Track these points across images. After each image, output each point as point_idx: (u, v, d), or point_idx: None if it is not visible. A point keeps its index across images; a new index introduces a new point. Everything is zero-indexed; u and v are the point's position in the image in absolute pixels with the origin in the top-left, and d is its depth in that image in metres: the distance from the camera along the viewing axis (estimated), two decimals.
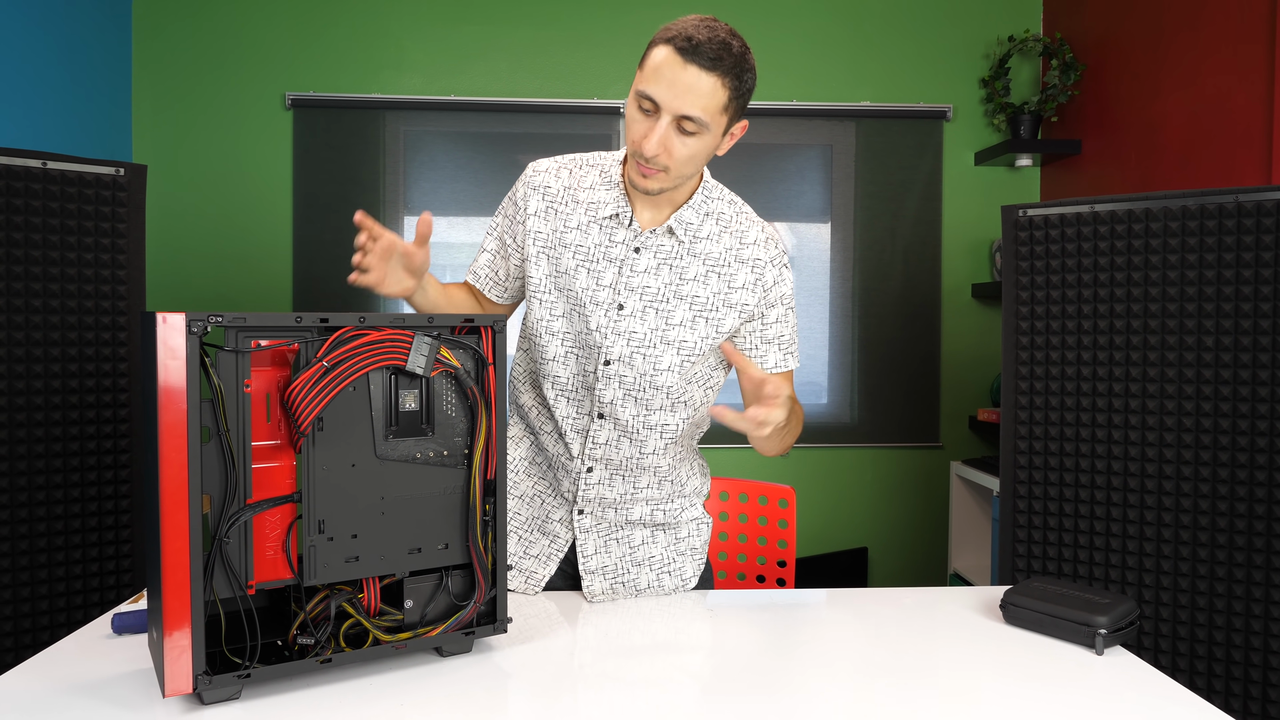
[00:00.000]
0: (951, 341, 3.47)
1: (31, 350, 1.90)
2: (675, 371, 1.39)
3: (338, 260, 3.27)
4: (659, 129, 1.23)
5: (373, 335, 1.10)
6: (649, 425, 1.42)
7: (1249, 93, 2.40)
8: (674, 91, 1.21)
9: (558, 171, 1.43)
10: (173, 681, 0.99)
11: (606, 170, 1.41)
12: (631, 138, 1.27)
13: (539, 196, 1.41)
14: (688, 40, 1.19)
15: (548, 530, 1.49)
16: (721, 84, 1.22)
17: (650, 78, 1.22)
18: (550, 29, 3.34)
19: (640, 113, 1.25)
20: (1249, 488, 1.88)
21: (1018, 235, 2.15)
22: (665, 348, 1.38)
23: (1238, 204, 1.89)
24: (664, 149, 1.24)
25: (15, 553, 1.88)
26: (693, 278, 1.38)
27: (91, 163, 1.98)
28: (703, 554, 1.55)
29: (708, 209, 1.40)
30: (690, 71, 1.20)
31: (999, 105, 3.34)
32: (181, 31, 3.23)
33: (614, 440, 1.42)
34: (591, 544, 1.47)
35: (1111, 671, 1.19)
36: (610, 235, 1.38)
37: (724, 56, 1.20)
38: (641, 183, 1.29)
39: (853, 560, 3.45)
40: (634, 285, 1.37)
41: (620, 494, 1.45)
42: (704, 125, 1.23)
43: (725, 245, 1.39)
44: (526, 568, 1.49)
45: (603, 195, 1.39)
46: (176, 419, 0.98)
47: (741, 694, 1.11)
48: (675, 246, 1.38)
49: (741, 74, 1.24)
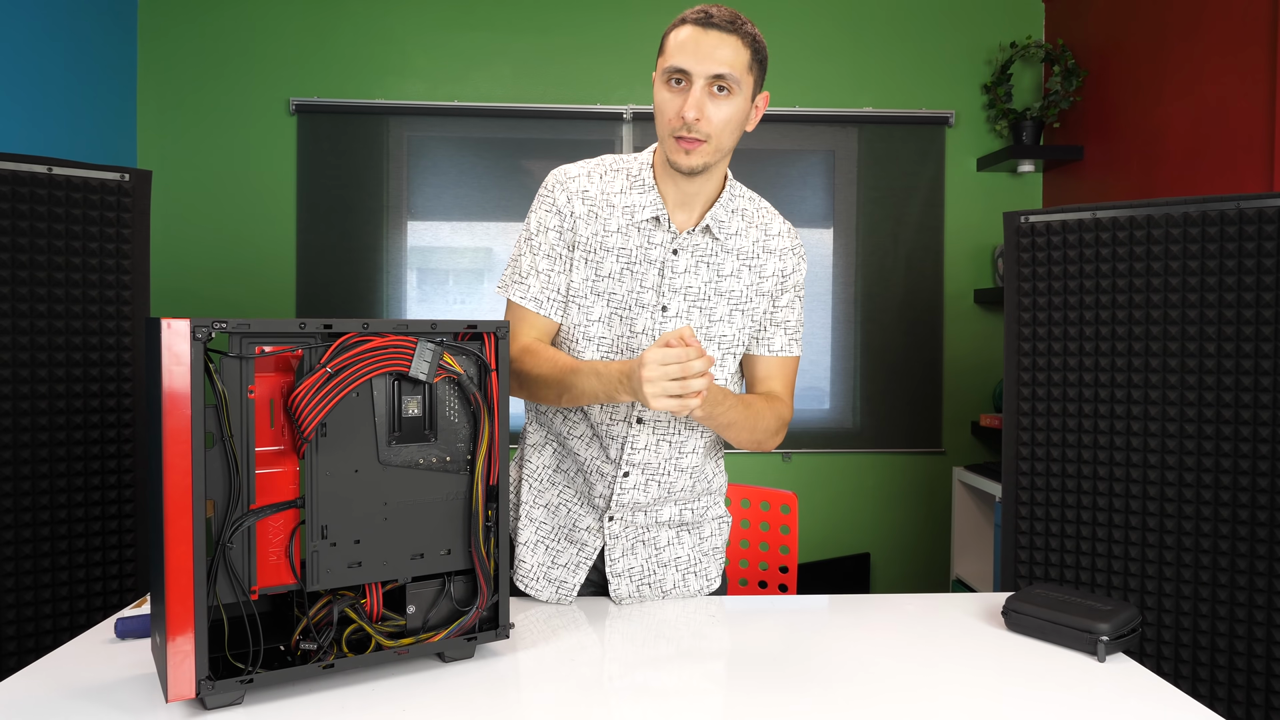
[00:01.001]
0: (954, 347, 3.47)
1: (36, 355, 1.91)
2: (719, 366, 1.43)
3: (341, 266, 3.28)
4: (694, 94, 1.27)
5: (376, 341, 1.10)
6: (690, 425, 1.44)
7: (1250, 100, 2.41)
8: (700, 55, 1.27)
9: (589, 176, 1.42)
10: (175, 686, 1.00)
11: (634, 174, 1.42)
12: (666, 116, 1.31)
13: (580, 200, 1.40)
14: (704, 13, 1.28)
15: (575, 538, 1.47)
16: (743, 43, 1.29)
17: (676, 52, 1.29)
18: (554, 35, 3.35)
19: (670, 90, 1.30)
20: (1251, 494, 1.87)
21: (1019, 242, 2.16)
22: (709, 344, 1.42)
23: (1239, 210, 1.90)
24: (702, 113, 1.28)
25: (19, 556, 1.89)
26: (729, 273, 1.42)
27: (96, 168, 1.99)
28: (724, 553, 1.57)
29: (734, 205, 1.44)
30: (713, 35, 1.27)
31: (1001, 111, 3.35)
32: (186, 37, 3.25)
33: (653, 445, 1.42)
34: (619, 548, 1.47)
35: (1113, 678, 1.19)
36: (649, 238, 1.40)
37: (739, 21, 1.29)
38: (684, 160, 1.31)
39: (855, 566, 3.44)
40: (676, 286, 1.39)
41: (654, 497, 1.46)
42: (735, 82, 1.28)
43: (753, 239, 1.45)
44: (556, 577, 1.46)
45: (637, 199, 1.40)
46: (180, 424, 0.98)
47: (741, 699, 1.11)
48: (710, 244, 1.41)
49: (757, 41, 1.32)
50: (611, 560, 1.46)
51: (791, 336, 1.49)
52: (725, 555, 1.57)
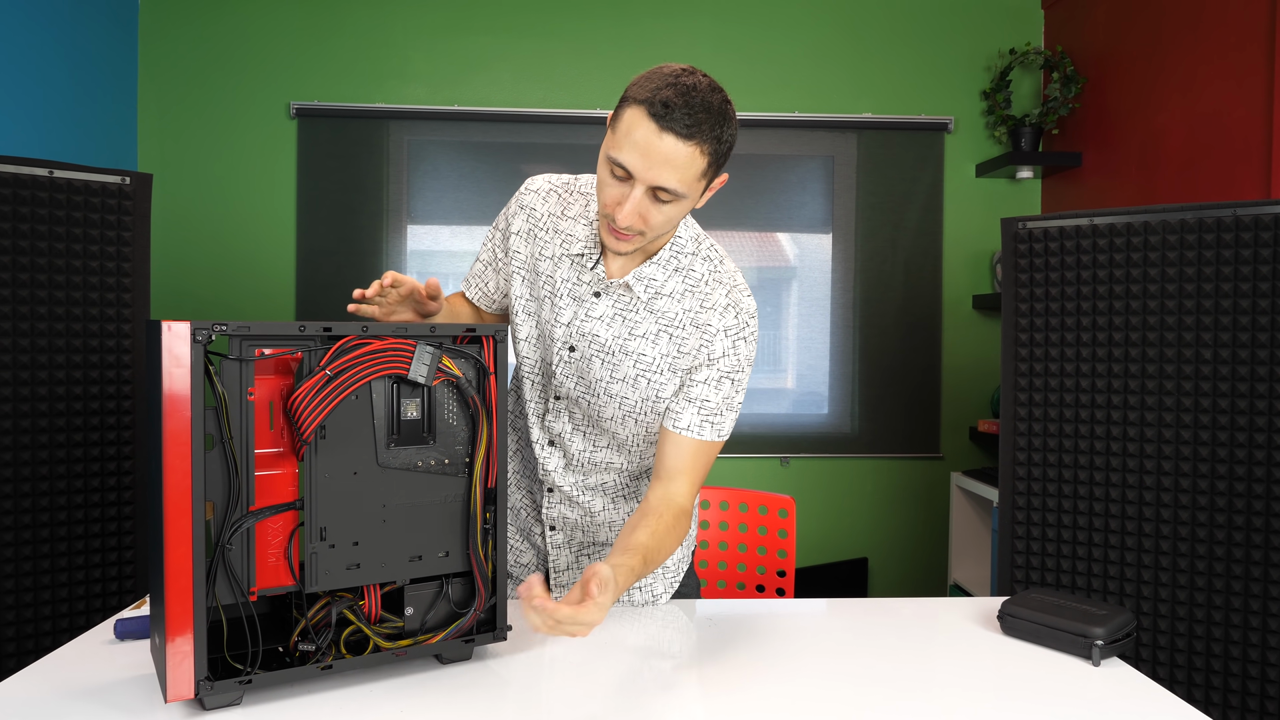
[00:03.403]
0: (952, 352, 3.47)
1: (36, 357, 1.92)
2: (618, 422, 1.35)
3: (341, 269, 3.29)
4: (632, 199, 1.14)
5: (375, 344, 1.11)
6: (593, 462, 1.41)
7: (1248, 107, 2.42)
8: (648, 162, 1.11)
9: (547, 195, 1.37)
10: (174, 687, 1.00)
11: (591, 204, 1.34)
12: (603, 201, 1.18)
13: (524, 217, 1.38)
14: (664, 106, 1.09)
15: (532, 541, 1.51)
16: (700, 151, 1.12)
17: (623, 144, 1.13)
18: (553, 40, 3.36)
19: (612, 177, 1.16)
20: (1247, 500, 1.88)
21: (1017, 248, 2.17)
22: (609, 400, 1.33)
23: (1236, 217, 1.90)
24: (639, 218, 1.16)
25: (19, 558, 1.89)
26: (642, 334, 1.30)
27: (97, 171, 1.99)
28: (676, 572, 1.54)
29: (678, 264, 1.30)
30: (666, 141, 1.10)
31: (1000, 118, 3.36)
32: (187, 40, 3.26)
33: (561, 469, 1.42)
34: (564, 559, 1.48)
35: (1108, 683, 1.19)
36: (579, 274, 1.32)
37: (702, 121, 1.11)
38: (614, 245, 1.22)
39: (853, 570, 3.45)
40: (585, 331, 1.31)
41: (580, 515, 1.46)
42: (680, 195, 1.15)
43: (685, 306, 1.30)
44: (518, 575, 1.53)
45: (579, 230, 1.32)
46: (180, 426, 0.99)
47: (740, 703, 1.11)
48: (633, 300, 1.30)
49: (721, 134, 1.14)
50: (556, 572, 1.48)
51: (708, 418, 1.30)
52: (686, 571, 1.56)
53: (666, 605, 1.50)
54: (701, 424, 1.30)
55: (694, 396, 1.30)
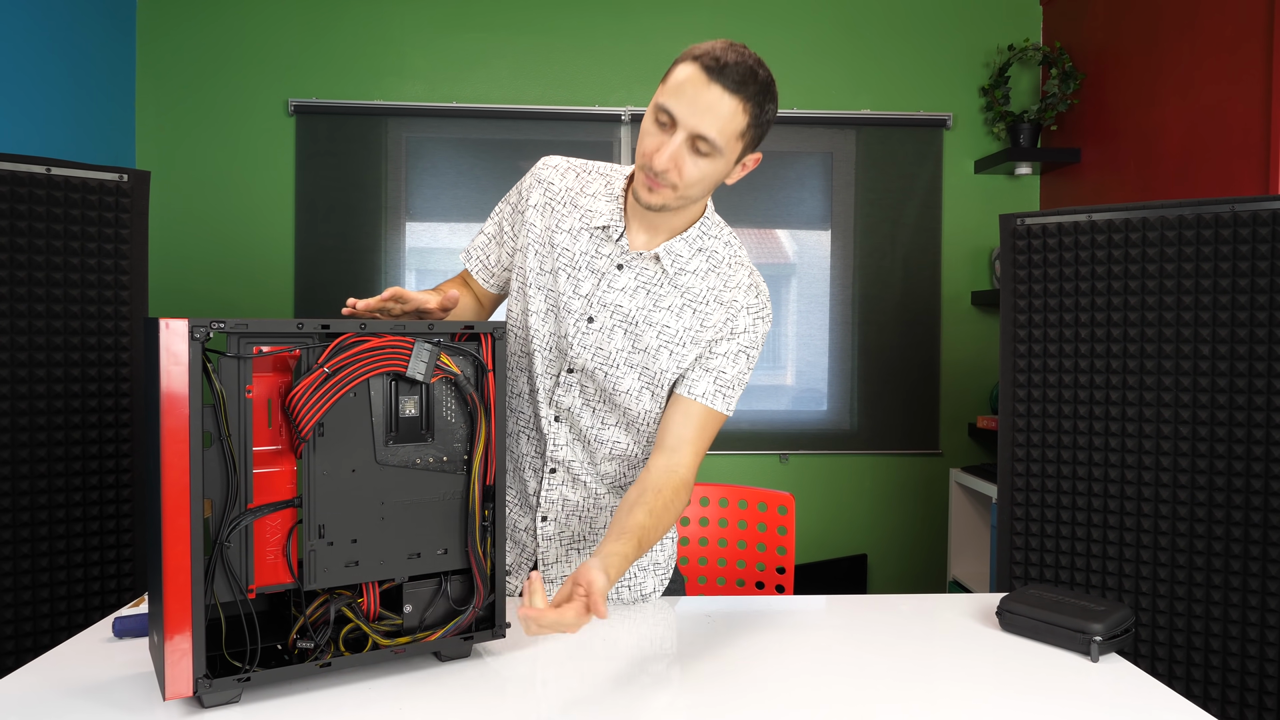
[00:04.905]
0: (951, 349, 3.47)
1: (34, 355, 1.91)
2: (634, 395, 1.36)
3: (340, 266, 3.28)
4: (672, 144, 1.21)
5: (373, 342, 1.11)
6: (600, 439, 1.41)
7: (1246, 103, 2.41)
8: (694, 109, 1.19)
9: (565, 171, 1.41)
10: (173, 685, 1.00)
11: (611, 181, 1.39)
12: (643, 149, 1.25)
13: (541, 190, 1.40)
14: (715, 60, 1.17)
15: (516, 539, 1.49)
16: (742, 108, 1.19)
17: (672, 92, 1.20)
18: (552, 36, 3.35)
19: (656, 126, 1.23)
20: (1245, 495, 1.88)
21: (1016, 244, 2.16)
22: (628, 370, 1.35)
23: (1234, 213, 1.90)
24: (674, 165, 1.22)
25: (17, 556, 1.89)
26: (667, 307, 1.35)
27: (95, 169, 1.99)
28: (666, 569, 1.54)
29: (701, 244, 1.37)
30: (713, 91, 1.18)
31: (999, 114, 3.36)
32: (185, 38, 3.25)
33: (569, 443, 1.41)
34: (553, 552, 1.46)
35: (1106, 679, 1.19)
36: (598, 246, 1.36)
37: (749, 82, 1.19)
38: (646, 196, 1.26)
39: (852, 567, 3.45)
40: (607, 301, 1.34)
41: (582, 498, 1.45)
42: (717, 148, 1.21)
43: (709, 284, 1.36)
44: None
45: (601, 205, 1.37)
46: (178, 424, 0.99)
47: (739, 700, 1.11)
48: (658, 273, 1.35)
49: (764, 103, 1.22)
50: (545, 565, 1.46)
51: (721, 389, 1.35)
52: (672, 570, 1.56)
53: (660, 601, 1.50)
54: (715, 393, 1.36)
55: (712, 366, 1.36)
